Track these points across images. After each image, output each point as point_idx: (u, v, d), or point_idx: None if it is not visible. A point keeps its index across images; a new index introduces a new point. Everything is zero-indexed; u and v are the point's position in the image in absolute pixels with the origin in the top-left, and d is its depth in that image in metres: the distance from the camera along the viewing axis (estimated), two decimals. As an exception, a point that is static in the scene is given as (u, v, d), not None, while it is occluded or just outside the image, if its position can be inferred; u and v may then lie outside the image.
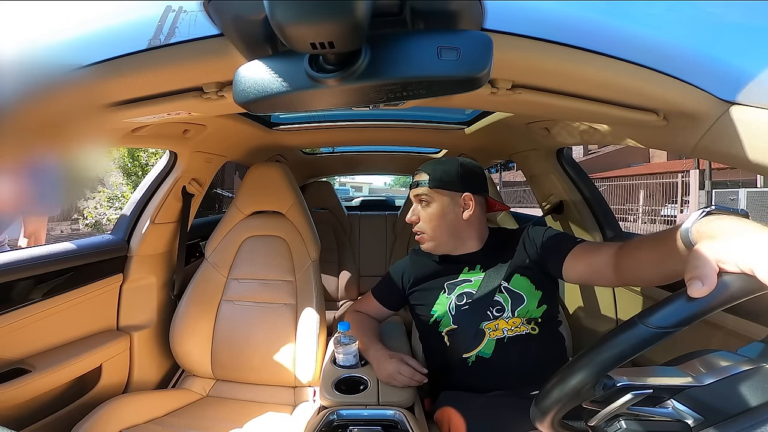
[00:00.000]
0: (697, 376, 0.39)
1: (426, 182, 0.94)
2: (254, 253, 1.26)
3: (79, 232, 6.21)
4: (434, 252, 0.97)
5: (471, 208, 0.93)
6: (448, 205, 0.93)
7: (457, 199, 0.93)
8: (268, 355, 1.16)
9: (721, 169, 8.54)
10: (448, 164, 0.95)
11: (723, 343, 0.76)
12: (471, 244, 0.96)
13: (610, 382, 0.40)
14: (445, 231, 0.94)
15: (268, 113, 1.40)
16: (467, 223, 0.94)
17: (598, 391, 0.40)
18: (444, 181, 0.93)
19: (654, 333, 0.35)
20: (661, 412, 0.39)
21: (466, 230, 0.95)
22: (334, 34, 0.31)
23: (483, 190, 0.97)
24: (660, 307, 0.36)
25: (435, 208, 0.94)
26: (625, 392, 0.39)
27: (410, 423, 0.74)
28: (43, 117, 0.58)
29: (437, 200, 0.94)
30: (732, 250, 0.35)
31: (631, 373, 0.41)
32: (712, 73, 0.55)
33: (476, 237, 0.96)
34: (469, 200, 0.93)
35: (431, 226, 0.94)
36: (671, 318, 0.35)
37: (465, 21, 0.43)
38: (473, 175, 0.96)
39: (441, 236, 0.95)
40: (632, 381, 0.40)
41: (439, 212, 0.93)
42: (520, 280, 0.89)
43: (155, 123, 0.84)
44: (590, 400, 0.42)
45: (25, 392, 0.85)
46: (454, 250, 0.96)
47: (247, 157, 1.62)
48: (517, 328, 0.85)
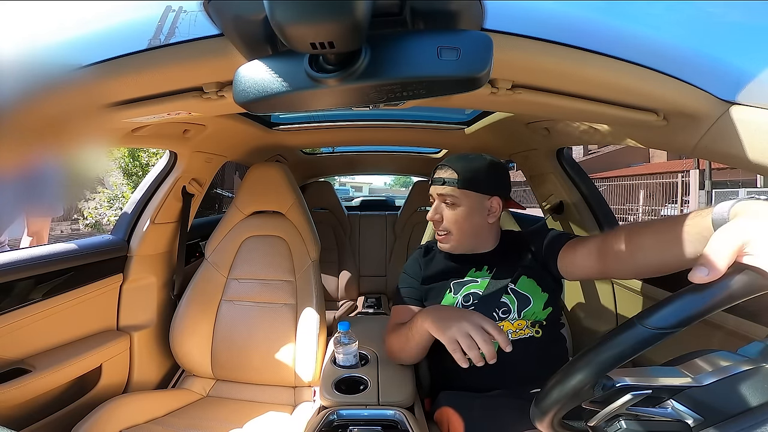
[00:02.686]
0: (696, 377, 0.39)
1: (454, 181, 0.88)
2: (254, 253, 1.26)
3: (79, 232, 6.21)
4: (453, 252, 0.93)
5: (497, 213, 0.91)
6: (475, 208, 0.89)
7: (484, 202, 0.89)
8: (268, 355, 1.16)
9: (721, 169, 8.53)
10: (478, 162, 0.91)
11: (723, 343, 0.76)
12: (487, 245, 0.94)
13: (610, 383, 0.40)
14: (469, 234, 0.90)
15: (268, 113, 1.40)
16: (490, 225, 0.92)
17: (598, 391, 0.40)
18: (474, 181, 0.88)
19: (652, 334, 0.35)
20: (660, 412, 0.39)
21: (487, 232, 0.93)
22: (334, 34, 0.31)
23: (508, 192, 0.94)
24: (659, 307, 0.36)
25: (462, 211, 0.88)
26: (625, 393, 0.39)
27: (410, 423, 0.74)
28: (43, 117, 0.58)
29: (465, 202, 0.88)
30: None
31: (631, 373, 0.41)
32: (712, 73, 0.55)
33: (493, 238, 0.95)
34: (498, 204, 0.90)
35: (457, 228, 0.89)
36: (670, 319, 0.35)
37: (465, 21, 0.43)
38: (502, 176, 0.92)
39: (464, 238, 0.91)
40: (632, 381, 0.40)
41: (467, 214, 0.89)
42: (526, 282, 0.88)
43: (155, 123, 0.84)
44: (590, 401, 0.42)
45: (25, 392, 0.85)
46: (470, 250, 0.94)
47: (247, 157, 1.62)
48: (521, 331, 0.84)
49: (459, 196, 0.88)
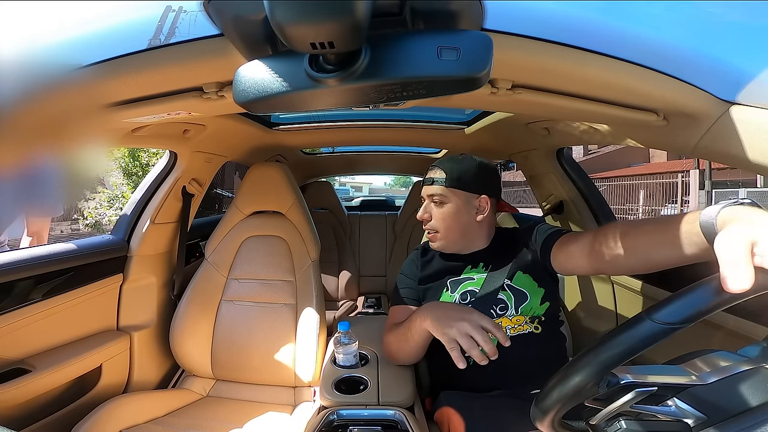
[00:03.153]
0: (699, 375, 0.39)
1: (443, 180, 0.91)
2: (254, 253, 1.26)
3: (79, 232, 6.21)
4: (443, 251, 0.96)
5: (486, 211, 0.92)
6: (463, 206, 0.91)
7: (473, 201, 0.92)
8: (268, 355, 1.16)
9: (721, 169, 8.54)
10: (466, 163, 0.93)
11: (723, 343, 0.76)
12: (478, 243, 0.95)
13: (615, 380, 0.40)
14: (458, 232, 0.92)
15: (268, 113, 1.40)
16: (479, 224, 0.93)
17: (602, 388, 0.40)
18: (461, 180, 0.91)
19: (662, 329, 0.35)
20: (663, 410, 0.39)
21: (477, 231, 0.94)
22: (334, 34, 0.31)
23: (498, 192, 0.96)
24: (669, 302, 0.36)
25: (449, 209, 0.91)
26: (629, 390, 0.39)
27: (410, 423, 0.74)
28: (43, 117, 0.58)
29: (452, 200, 0.91)
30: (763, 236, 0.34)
31: (635, 371, 0.41)
32: (712, 73, 0.55)
33: (485, 237, 0.96)
34: (486, 203, 0.92)
35: (444, 226, 0.92)
36: (680, 314, 0.35)
37: (465, 21, 0.43)
38: (490, 176, 0.94)
39: (452, 236, 0.93)
40: (636, 379, 0.40)
41: (454, 212, 0.91)
42: (522, 278, 0.88)
43: (155, 123, 0.84)
44: (593, 398, 0.42)
45: (25, 392, 0.85)
46: (462, 249, 0.95)
47: (247, 157, 1.62)
48: (520, 327, 0.84)
49: (447, 195, 0.91)
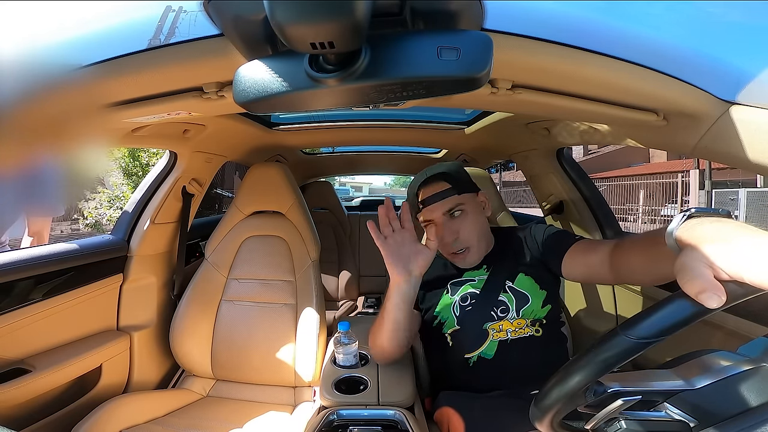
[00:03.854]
0: (689, 380, 0.40)
1: (451, 191, 0.86)
2: (254, 253, 1.26)
3: (79, 232, 6.21)
4: (476, 264, 0.90)
5: (487, 207, 0.91)
6: (478, 208, 0.88)
7: (479, 200, 0.91)
8: (268, 355, 1.16)
9: (721, 169, 8.53)
10: (452, 166, 0.92)
11: (723, 343, 0.76)
12: (491, 244, 0.94)
13: (601, 388, 0.40)
14: (483, 237, 0.88)
15: (268, 113, 1.40)
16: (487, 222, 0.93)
17: (590, 397, 0.40)
18: (465, 183, 0.88)
19: (636, 344, 0.35)
20: (655, 415, 0.40)
21: (489, 231, 0.93)
22: (334, 34, 0.31)
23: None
24: (642, 318, 0.36)
25: (472, 216, 0.86)
26: (616, 398, 0.39)
27: (410, 423, 0.74)
28: (43, 117, 0.58)
29: (470, 206, 0.87)
30: (718, 257, 0.34)
31: (624, 378, 0.41)
32: (712, 73, 0.55)
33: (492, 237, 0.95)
34: (485, 198, 0.91)
35: (475, 236, 0.86)
36: (653, 329, 0.35)
37: (465, 21, 0.43)
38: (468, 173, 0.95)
39: (482, 244, 0.88)
40: (622, 387, 0.40)
41: (476, 218, 0.87)
42: (524, 280, 0.87)
43: (155, 123, 0.84)
44: (584, 405, 0.42)
45: (25, 392, 0.85)
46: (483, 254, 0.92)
47: (247, 157, 1.62)
48: (521, 330, 0.83)
49: (464, 202, 0.88)
